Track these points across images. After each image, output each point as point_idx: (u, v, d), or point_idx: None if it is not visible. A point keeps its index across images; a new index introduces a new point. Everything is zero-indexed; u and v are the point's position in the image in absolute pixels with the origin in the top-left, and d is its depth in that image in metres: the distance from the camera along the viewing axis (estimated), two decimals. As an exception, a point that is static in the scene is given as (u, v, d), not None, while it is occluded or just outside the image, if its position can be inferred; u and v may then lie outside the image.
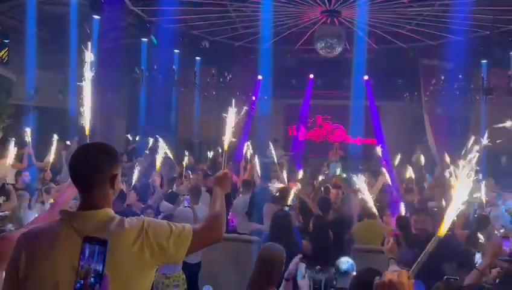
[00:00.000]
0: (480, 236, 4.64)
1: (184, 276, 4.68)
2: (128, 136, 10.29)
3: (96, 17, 9.18)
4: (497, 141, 5.33)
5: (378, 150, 8.85)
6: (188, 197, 5.17)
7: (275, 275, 2.86)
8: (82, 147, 1.82)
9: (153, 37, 10.35)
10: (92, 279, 1.30)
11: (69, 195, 2.25)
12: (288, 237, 4.45)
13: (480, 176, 8.26)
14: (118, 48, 11.13)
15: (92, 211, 1.67)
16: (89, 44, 2.59)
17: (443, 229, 1.44)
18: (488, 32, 9.92)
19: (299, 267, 3.18)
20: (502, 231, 5.57)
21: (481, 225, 5.11)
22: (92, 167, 1.71)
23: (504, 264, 3.16)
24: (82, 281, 1.30)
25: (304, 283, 3.19)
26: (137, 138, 10.26)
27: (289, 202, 5.92)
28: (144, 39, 10.60)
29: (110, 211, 1.72)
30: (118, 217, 1.71)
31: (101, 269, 1.31)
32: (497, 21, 9.40)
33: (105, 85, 11.45)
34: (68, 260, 1.55)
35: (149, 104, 11.99)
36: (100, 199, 1.71)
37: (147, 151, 9.69)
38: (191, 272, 5.08)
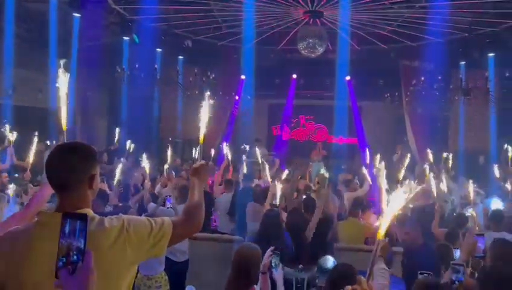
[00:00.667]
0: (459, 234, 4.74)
1: (166, 277, 4.65)
2: (116, 134, 10.12)
3: (76, 15, 9.05)
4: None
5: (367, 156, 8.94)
6: (170, 197, 5.13)
7: (254, 275, 2.87)
8: (59, 147, 1.79)
9: (134, 36, 10.25)
10: (75, 256, 1.27)
11: (44, 195, 2.23)
12: (278, 237, 4.47)
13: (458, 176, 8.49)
14: (99, 46, 10.99)
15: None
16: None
17: (381, 233, 1.49)
18: (466, 34, 10.14)
19: (272, 259, 3.19)
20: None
21: (459, 223, 5.21)
22: (70, 167, 1.69)
23: (476, 262, 3.23)
24: (64, 259, 1.27)
25: (279, 276, 3.21)
26: (116, 139, 10.12)
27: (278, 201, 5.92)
28: (126, 38, 10.49)
29: (89, 212, 1.70)
30: (97, 216, 1.70)
31: (82, 245, 1.28)
32: (474, 23, 9.61)
33: (86, 84, 11.32)
34: (47, 262, 1.51)
35: (131, 103, 11.87)
36: (78, 200, 1.69)
37: (129, 151, 9.62)
38: (179, 270, 5.06)
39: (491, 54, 10.44)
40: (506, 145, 8.69)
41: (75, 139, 2.34)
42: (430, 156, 9.50)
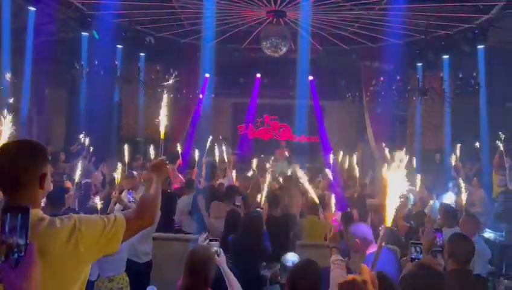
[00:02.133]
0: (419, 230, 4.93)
1: (128, 278, 4.55)
2: (81, 136, 9.75)
3: (32, 8, 8.70)
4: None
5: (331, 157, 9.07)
6: (132, 191, 5.00)
7: (211, 276, 2.85)
8: (7, 145, 1.73)
9: (94, 32, 9.95)
10: (16, 254, 1.21)
11: None
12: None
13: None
14: (57, 42, 10.61)
15: None
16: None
17: (388, 221, 1.51)
18: (423, 37, 10.52)
19: (211, 246, 3.22)
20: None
21: (419, 220, 5.40)
22: (19, 166, 1.62)
23: (428, 257, 3.35)
24: (3, 258, 1.21)
25: (222, 259, 3.21)
26: (81, 139, 9.78)
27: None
28: (85, 33, 10.17)
29: (39, 212, 1.65)
30: (48, 217, 1.65)
31: (24, 240, 1.22)
32: (430, 26, 9.98)
33: (42, 81, 10.90)
34: None
35: (90, 100, 11.51)
36: (27, 201, 1.61)
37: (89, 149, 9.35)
38: (143, 271, 4.97)
39: (445, 56, 10.91)
40: (457, 144, 9.09)
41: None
42: (387, 154, 9.78)
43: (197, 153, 9.03)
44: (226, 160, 9.12)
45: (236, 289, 3.10)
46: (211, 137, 9.44)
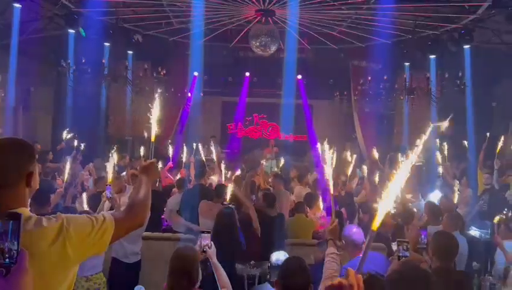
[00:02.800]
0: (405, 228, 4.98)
1: (105, 279, 4.51)
2: (64, 133, 9.61)
3: (17, 5, 8.56)
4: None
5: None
6: (110, 187, 4.93)
7: (196, 274, 2.85)
8: None
9: (81, 29, 9.82)
10: (7, 259, 1.20)
11: None
12: (232, 234, 4.47)
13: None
14: (43, 39, 10.46)
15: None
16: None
17: (376, 224, 1.51)
18: (410, 37, 10.62)
19: (203, 238, 3.20)
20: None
21: (406, 219, 5.45)
22: (5, 165, 1.60)
23: (414, 255, 3.39)
24: None
25: (211, 252, 3.20)
26: (67, 136, 9.65)
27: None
28: (71, 31, 10.05)
29: (26, 211, 1.63)
30: (34, 216, 1.63)
31: (16, 247, 1.21)
32: (417, 26, 10.08)
33: (28, 78, 10.74)
34: None
35: (77, 99, 11.38)
36: (14, 199, 1.60)
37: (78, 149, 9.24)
38: (132, 272, 4.93)
39: (432, 56, 11.02)
40: (444, 143, 9.18)
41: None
42: (375, 154, 9.87)
43: (185, 153, 8.99)
44: (215, 159, 9.09)
45: (223, 282, 3.09)
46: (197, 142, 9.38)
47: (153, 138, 2.46)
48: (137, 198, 2.01)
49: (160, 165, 7.94)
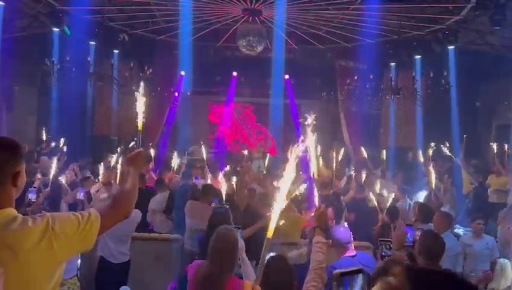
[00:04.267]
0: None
1: (79, 283, 4.44)
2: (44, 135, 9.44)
3: (0, 3, 8.41)
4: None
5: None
6: (82, 189, 4.91)
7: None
8: None
9: (65, 28, 9.68)
10: None
11: None
12: None
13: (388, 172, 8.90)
14: (27, 38, 10.30)
15: None
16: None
17: (270, 232, 1.50)
18: (396, 37, 10.72)
19: None
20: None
21: (392, 216, 5.50)
22: None
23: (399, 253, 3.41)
24: None
25: (241, 246, 3.18)
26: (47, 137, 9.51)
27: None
28: (56, 29, 9.90)
29: (13, 211, 1.61)
30: (20, 216, 1.61)
31: None
32: (403, 27, 10.18)
33: (13, 78, 10.56)
34: None
35: (62, 98, 11.22)
36: (2, 199, 1.59)
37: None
38: (120, 272, 4.88)
39: (417, 56, 11.15)
40: (432, 144, 9.27)
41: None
42: (364, 153, 9.94)
43: (175, 157, 8.86)
44: (204, 159, 9.05)
45: (251, 277, 3.03)
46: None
47: (139, 127, 2.44)
48: (123, 189, 1.99)
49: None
